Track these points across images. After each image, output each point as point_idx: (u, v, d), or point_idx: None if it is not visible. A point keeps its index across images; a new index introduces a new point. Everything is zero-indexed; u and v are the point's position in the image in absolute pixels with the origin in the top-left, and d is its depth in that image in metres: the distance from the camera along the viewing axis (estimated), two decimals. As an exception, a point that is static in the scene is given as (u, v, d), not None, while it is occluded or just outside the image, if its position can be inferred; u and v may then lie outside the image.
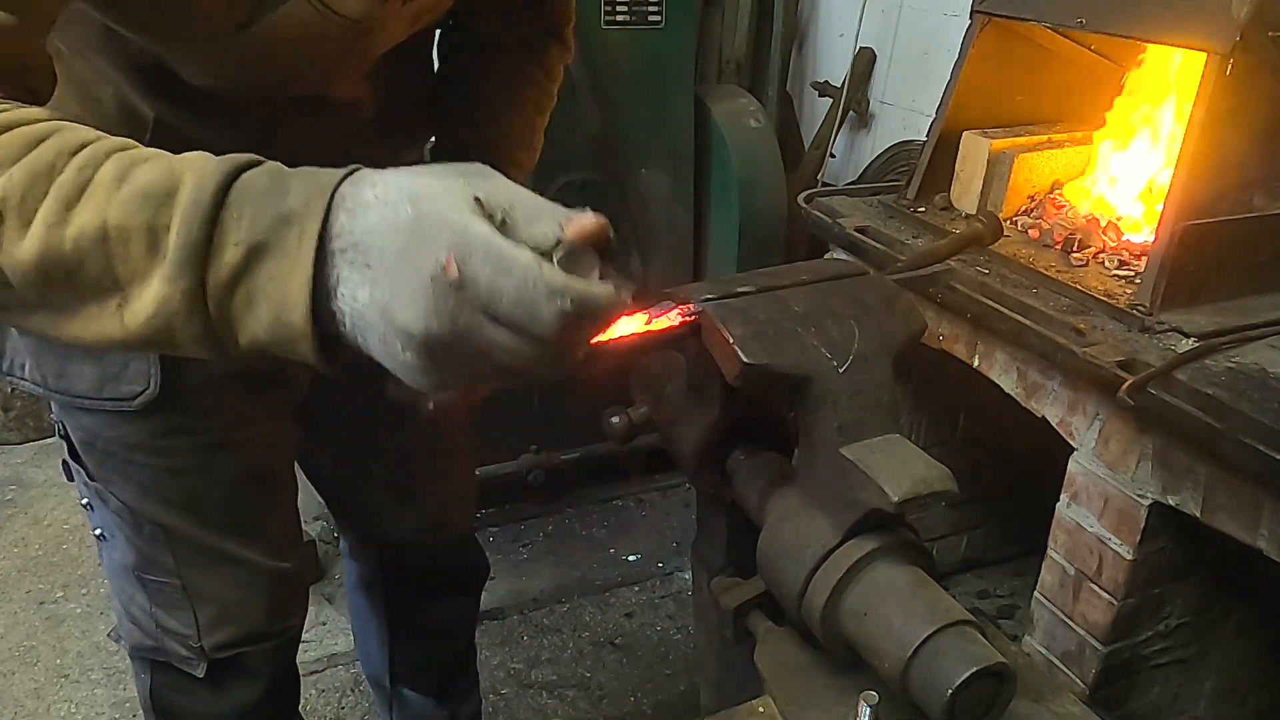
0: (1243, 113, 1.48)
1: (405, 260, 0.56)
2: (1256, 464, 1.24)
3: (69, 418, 1.10)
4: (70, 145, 0.62)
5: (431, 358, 0.58)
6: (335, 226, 0.58)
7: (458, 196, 0.58)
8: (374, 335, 0.59)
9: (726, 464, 0.99)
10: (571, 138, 2.31)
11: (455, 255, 0.55)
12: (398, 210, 0.57)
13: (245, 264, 0.59)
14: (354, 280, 0.58)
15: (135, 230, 0.59)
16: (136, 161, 0.61)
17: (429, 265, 0.55)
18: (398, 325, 0.57)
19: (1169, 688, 1.73)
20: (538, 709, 2.13)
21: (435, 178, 0.59)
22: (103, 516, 1.15)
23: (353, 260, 0.58)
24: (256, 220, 0.59)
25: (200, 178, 0.59)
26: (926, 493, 0.77)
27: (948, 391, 2.17)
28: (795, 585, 0.83)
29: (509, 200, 0.60)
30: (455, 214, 0.57)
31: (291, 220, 0.59)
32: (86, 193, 0.60)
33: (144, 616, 1.19)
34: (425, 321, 0.56)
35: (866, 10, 2.87)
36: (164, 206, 0.59)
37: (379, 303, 0.57)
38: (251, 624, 1.20)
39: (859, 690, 0.77)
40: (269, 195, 0.59)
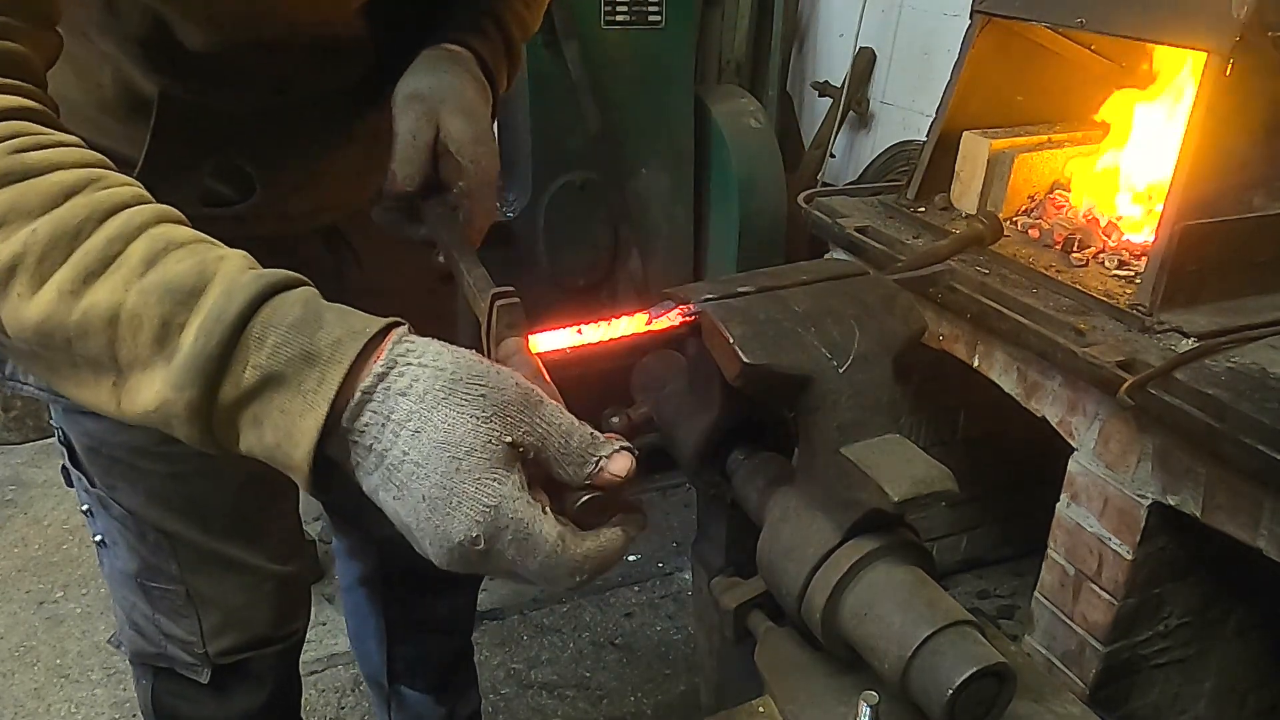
0: (1243, 113, 1.48)
1: (435, 512, 0.57)
2: (1256, 464, 1.24)
3: (72, 424, 1.09)
4: (102, 208, 0.60)
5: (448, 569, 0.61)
6: (360, 420, 0.58)
7: (492, 453, 0.57)
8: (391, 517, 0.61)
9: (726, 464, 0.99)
10: (571, 138, 2.31)
11: (483, 532, 0.57)
12: (430, 456, 0.57)
13: (258, 389, 0.58)
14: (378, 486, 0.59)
15: (148, 320, 0.58)
16: (170, 246, 0.59)
17: (458, 532, 0.57)
18: (417, 540, 0.60)
19: (1169, 688, 1.73)
20: (538, 709, 2.13)
21: (475, 419, 0.57)
22: (104, 523, 1.14)
23: (385, 475, 0.59)
24: (279, 350, 0.57)
25: (230, 288, 0.58)
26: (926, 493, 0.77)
27: (948, 391, 2.17)
28: (795, 585, 0.83)
29: (542, 439, 0.59)
30: (488, 488, 0.57)
31: (316, 361, 0.57)
32: (110, 268, 0.58)
33: (146, 623, 1.19)
34: (446, 561, 0.59)
35: (866, 10, 2.87)
36: (184, 305, 0.58)
37: (404, 519, 0.59)
38: (256, 629, 1.20)
39: (859, 690, 0.77)
40: (299, 327, 0.58)
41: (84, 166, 0.62)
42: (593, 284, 2.49)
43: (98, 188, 0.61)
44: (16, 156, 0.60)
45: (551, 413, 0.60)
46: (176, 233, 0.61)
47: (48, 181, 0.60)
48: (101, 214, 0.59)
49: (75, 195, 0.60)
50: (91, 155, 0.64)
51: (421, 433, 0.57)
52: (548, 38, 2.20)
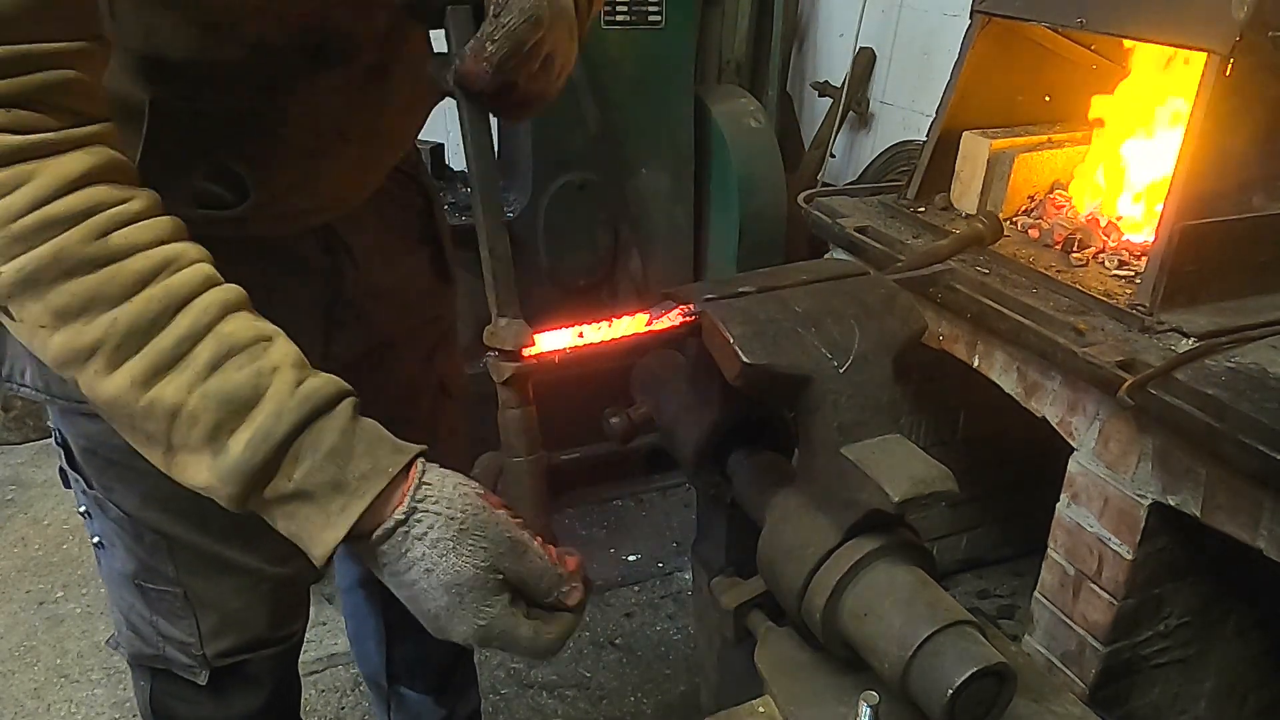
0: (1243, 113, 1.48)
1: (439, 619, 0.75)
2: (1256, 464, 1.24)
3: (69, 425, 1.08)
4: (176, 300, 0.69)
5: None
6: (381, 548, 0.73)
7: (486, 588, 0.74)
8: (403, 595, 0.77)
9: (726, 464, 0.99)
10: (571, 138, 2.31)
11: (477, 639, 0.75)
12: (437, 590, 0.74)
13: (290, 498, 0.71)
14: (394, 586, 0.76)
15: (204, 421, 0.69)
16: (233, 351, 0.70)
17: (458, 635, 0.76)
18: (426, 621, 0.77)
19: (1169, 688, 1.73)
20: (537, 709, 2.13)
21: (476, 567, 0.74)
22: (101, 525, 1.14)
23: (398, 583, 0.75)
24: (313, 474, 0.70)
25: (280, 409, 0.70)
26: (926, 493, 0.77)
27: (948, 391, 2.17)
28: (795, 585, 0.83)
29: (522, 578, 0.76)
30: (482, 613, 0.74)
31: (343, 490, 0.71)
32: (178, 367, 0.69)
33: (144, 625, 1.18)
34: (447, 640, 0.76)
35: (866, 10, 2.87)
36: (237, 415, 0.69)
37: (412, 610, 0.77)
38: (254, 631, 1.19)
39: (859, 690, 0.77)
40: (332, 456, 0.71)
41: (159, 244, 0.70)
42: (593, 284, 2.48)
43: (172, 272, 0.70)
44: (100, 242, 0.68)
45: (531, 560, 0.77)
46: (240, 331, 0.71)
47: (127, 270, 0.68)
48: (175, 306, 0.69)
49: (152, 284, 0.69)
50: (165, 224, 0.72)
51: (433, 573, 0.73)
52: (548, 38, 2.20)
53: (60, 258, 0.67)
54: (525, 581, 0.76)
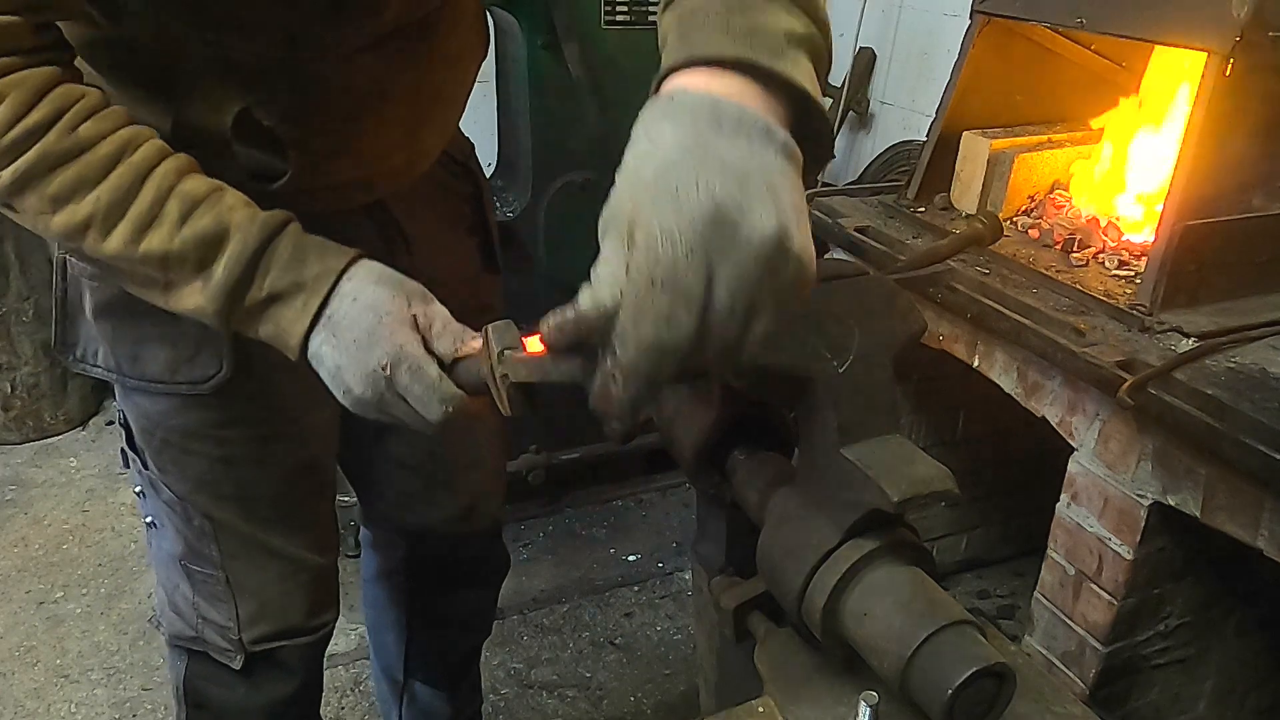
0: (1243, 113, 1.48)
1: (360, 349, 0.85)
2: (1256, 464, 1.24)
3: (131, 406, 1.14)
4: (140, 170, 0.84)
5: (357, 406, 0.88)
6: (329, 306, 0.87)
7: (403, 315, 0.86)
8: (325, 374, 0.88)
9: (726, 464, 0.99)
10: (571, 138, 2.31)
11: (390, 362, 0.84)
12: (362, 315, 0.86)
13: (265, 303, 0.87)
14: (325, 341, 0.87)
15: (190, 260, 0.86)
16: (195, 202, 0.85)
17: (374, 361, 0.85)
18: (343, 383, 0.87)
19: (1169, 688, 1.73)
20: (538, 709, 2.13)
21: (392, 294, 0.87)
22: (154, 505, 1.19)
23: (329, 330, 0.87)
24: (278, 280, 0.86)
25: (244, 235, 0.85)
26: (926, 493, 0.77)
27: (948, 391, 2.17)
28: (795, 585, 0.83)
29: (432, 319, 0.87)
30: (398, 331, 0.85)
31: (303, 288, 0.87)
32: (154, 225, 0.85)
33: (187, 606, 1.22)
34: (360, 390, 0.86)
35: (866, 10, 2.87)
36: (214, 249, 0.86)
37: (335, 363, 0.87)
38: (290, 619, 1.22)
39: (859, 690, 0.77)
40: (291, 264, 0.86)
41: (118, 129, 0.85)
42: (593, 284, 2.48)
43: (133, 150, 0.85)
44: (73, 136, 0.82)
45: (439, 308, 0.89)
46: (197, 187, 0.86)
47: (99, 155, 0.83)
48: (142, 177, 0.84)
49: (120, 163, 0.84)
50: (118, 112, 0.86)
51: (358, 300, 0.86)
52: (548, 38, 2.20)
53: (45, 156, 0.82)
54: (432, 324, 0.86)
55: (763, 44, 0.62)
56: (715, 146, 0.56)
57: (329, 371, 0.87)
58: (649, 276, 0.54)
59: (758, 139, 0.57)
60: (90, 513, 2.75)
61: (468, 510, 1.46)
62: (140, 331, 1.06)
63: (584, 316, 0.57)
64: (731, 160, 0.55)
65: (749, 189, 0.55)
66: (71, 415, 3.13)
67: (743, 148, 0.56)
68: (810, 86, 0.63)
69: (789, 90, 0.62)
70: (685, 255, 0.54)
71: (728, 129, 0.56)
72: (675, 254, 0.54)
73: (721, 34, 0.62)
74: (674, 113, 0.58)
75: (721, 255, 0.54)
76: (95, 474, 2.92)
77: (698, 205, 0.54)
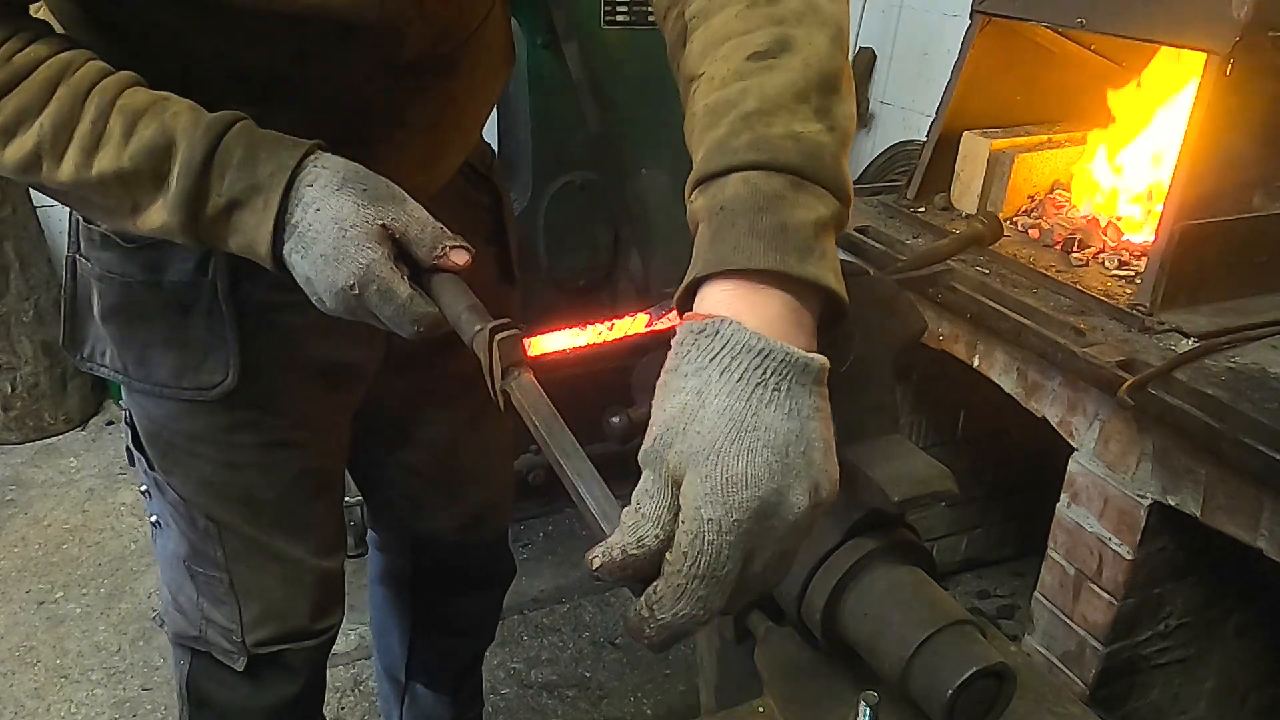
0: (1243, 113, 1.48)
1: (327, 265, 0.81)
2: (1256, 464, 1.24)
3: (137, 406, 1.13)
4: (80, 91, 0.81)
5: (334, 314, 0.85)
6: (290, 213, 0.82)
7: (369, 228, 0.81)
8: (300, 282, 0.84)
9: (726, 464, 0.99)
10: (571, 138, 2.31)
11: (358, 281, 0.81)
12: (326, 227, 0.81)
13: (226, 211, 0.82)
14: (295, 250, 0.83)
15: (144, 174, 0.82)
16: (137, 114, 0.81)
17: (341, 280, 0.81)
18: (315, 292, 0.84)
19: (1169, 688, 1.73)
20: (538, 709, 2.13)
21: (357, 204, 0.82)
22: (159, 505, 1.18)
23: (296, 240, 0.83)
24: (234, 184, 0.81)
25: (191, 140, 0.81)
26: (926, 493, 0.77)
27: (948, 391, 2.17)
28: (795, 585, 0.83)
29: (405, 225, 0.83)
30: (364, 249, 0.81)
31: (260, 189, 0.82)
32: (102, 144, 0.81)
33: (190, 606, 1.21)
34: (332, 304, 0.83)
35: (866, 10, 2.87)
36: (164, 160, 0.81)
37: (306, 273, 0.83)
38: (294, 622, 1.21)
39: (859, 690, 0.77)
40: (244, 165, 0.81)
41: (55, 54, 0.82)
42: (593, 284, 2.48)
43: (71, 72, 0.82)
44: (9, 66, 0.80)
45: (414, 208, 0.84)
46: (138, 99, 0.82)
47: (37, 81, 0.81)
48: (81, 97, 0.81)
49: (59, 86, 0.81)
50: (55, 39, 0.84)
51: (322, 211, 0.81)
52: (548, 38, 2.20)
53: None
54: (408, 232, 0.82)
55: (792, 244, 0.63)
56: (762, 418, 0.58)
57: (301, 281, 0.84)
58: (693, 565, 0.58)
59: (799, 395, 0.60)
60: (90, 513, 2.75)
61: (476, 519, 1.45)
62: (147, 335, 1.05)
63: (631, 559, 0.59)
64: (777, 434, 0.59)
65: (790, 467, 0.59)
66: (71, 415, 3.13)
67: (786, 412, 0.59)
68: (836, 282, 0.64)
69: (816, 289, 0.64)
70: (727, 547, 0.57)
71: (771, 386, 0.59)
72: (719, 545, 0.57)
73: (752, 238, 0.63)
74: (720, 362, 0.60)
75: (761, 540, 0.59)
76: (95, 474, 2.92)
77: (744, 500, 0.57)
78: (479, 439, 1.38)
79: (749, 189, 0.64)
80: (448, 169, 1.13)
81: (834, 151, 0.67)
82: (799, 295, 0.63)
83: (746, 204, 0.64)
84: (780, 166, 0.65)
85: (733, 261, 0.63)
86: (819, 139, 0.67)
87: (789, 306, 0.63)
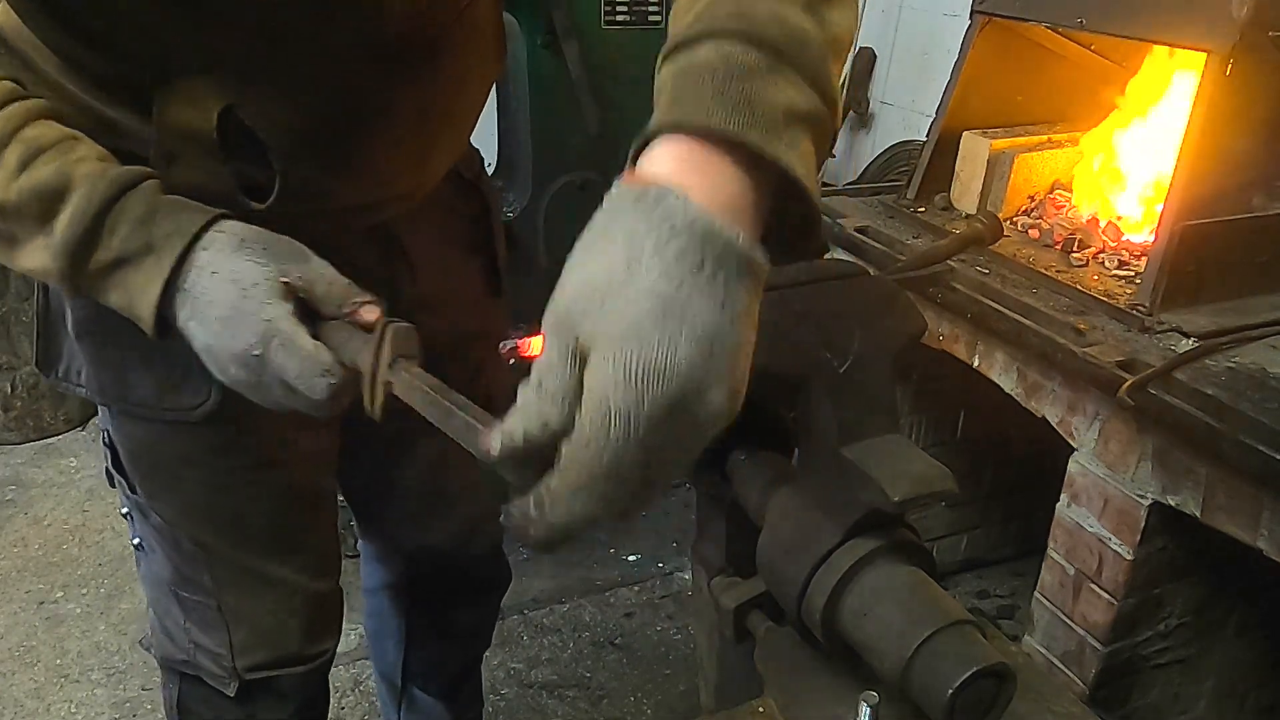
0: (1243, 113, 1.48)
1: (225, 330, 0.77)
2: (1256, 464, 1.24)
3: (118, 428, 1.07)
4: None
5: (238, 388, 0.80)
6: (183, 278, 0.78)
7: (271, 286, 0.77)
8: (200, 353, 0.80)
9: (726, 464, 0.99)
10: (571, 138, 2.31)
11: (259, 338, 0.76)
12: (224, 290, 0.77)
13: (113, 266, 0.78)
14: (189, 318, 0.78)
15: (30, 214, 0.78)
16: (40, 150, 0.78)
17: (240, 344, 0.76)
18: (217, 364, 0.79)
19: (1169, 688, 1.73)
20: (538, 709, 2.13)
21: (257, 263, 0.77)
22: (142, 529, 1.13)
23: (191, 306, 0.78)
24: (127, 241, 0.78)
25: (90, 189, 0.77)
26: (926, 493, 0.77)
27: (948, 391, 2.17)
28: (795, 585, 0.83)
29: (311, 281, 0.79)
30: (265, 306, 0.76)
31: (153, 249, 0.78)
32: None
33: (178, 630, 1.17)
34: (235, 371, 0.78)
35: (866, 10, 2.87)
36: (54, 202, 0.77)
37: (206, 341, 0.78)
38: (286, 647, 1.18)
39: (859, 690, 0.77)
40: (142, 223, 0.78)
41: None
42: (593, 284, 2.48)
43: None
44: None
45: (320, 265, 0.80)
46: (45, 134, 0.79)
47: None
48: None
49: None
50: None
51: (219, 273, 0.77)
52: (548, 38, 2.20)
53: None
54: (313, 287, 0.78)
55: (759, 118, 0.57)
56: (692, 306, 0.52)
57: (201, 350, 0.79)
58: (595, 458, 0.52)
59: (734, 289, 0.54)
60: (90, 513, 2.75)
61: (469, 532, 1.43)
62: (123, 354, 0.99)
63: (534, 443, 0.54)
64: (705, 326, 0.52)
65: (712, 363, 0.53)
66: (71, 415, 3.13)
67: (718, 305, 0.53)
68: (803, 173, 0.58)
69: (779, 175, 0.58)
70: (636, 443, 0.52)
71: (707, 274, 0.53)
72: (627, 438, 0.51)
73: (716, 100, 0.57)
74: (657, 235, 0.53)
75: (673, 441, 0.54)
76: (95, 474, 2.92)
77: (660, 393, 0.51)
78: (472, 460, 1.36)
79: (721, 56, 0.58)
80: (437, 170, 1.09)
81: (821, 46, 0.61)
82: (756, 177, 0.57)
83: (717, 69, 0.58)
84: (759, 40, 0.58)
85: (691, 119, 0.57)
86: (805, 27, 0.60)
87: (743, 185, 0.57)
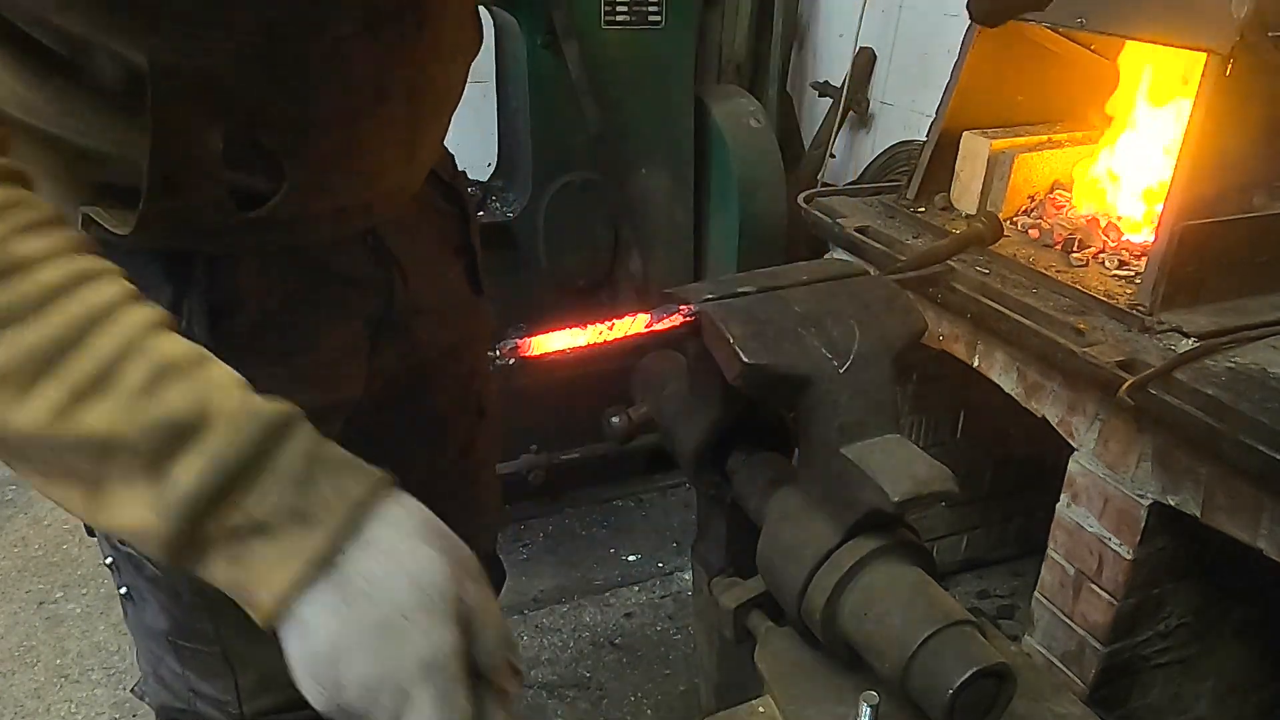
0: (1243, 113, 1.48)
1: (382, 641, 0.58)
2: (1256, 464, 1.24)
3: None
4: (97, 311, 0.58)
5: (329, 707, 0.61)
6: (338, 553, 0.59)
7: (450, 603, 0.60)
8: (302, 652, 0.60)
9: (726, 464, 0.99)
10: (571, 138, 2.31)
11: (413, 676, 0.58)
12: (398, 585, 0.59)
13: (243, 534, 0.58)
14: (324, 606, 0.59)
15: (145, 449, 0.57)
16: (167, 372, 0.58)
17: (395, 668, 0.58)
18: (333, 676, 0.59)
19: (1169, 688, 1.73)
20: (538, 709, 2.13)
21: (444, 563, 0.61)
22: (131, 579, 1.05)
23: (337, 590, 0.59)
24: (274, 503, 0.58)
25: (234, 429, 0.58)
26: (926, 493, 0.77)
27: (948, 391, 2.17)
28: (795, 585, 0.83)
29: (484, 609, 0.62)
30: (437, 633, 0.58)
31: (304, 518, 0.58)
32: (101, 391, 0.57)
33: (175, 680, 1.10)
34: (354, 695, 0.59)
35: (866, 10, 2.87)
36: (182, 440, 0.57)
37: (332, 643, 0.59)
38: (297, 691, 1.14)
39: (859, 690, 0.77)
40: (297, 485, 0.59)
41: (71, 254, 0.60)
42: (593, 284, 2.48)
43: (88, 284, 0.59)
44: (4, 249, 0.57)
45: (487, 591, 0.63)
46: (172, 349, 0.60)
47: (38, 282, 0.57)
48: (94, 322, 0.58)
49: (66, 297, 0.57)
50: (76, 236, 0.62)
51: (392, 556, 0.59)
52: (548, 38, 2.20)
53: None
54: (484, 620, 0.62)
55: None
56: None
57: (313, 650, 0.60)
58: None
59: None
60: (90, 513, 2.75)
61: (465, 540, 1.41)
62: None
63: None
64: None
65: None
66: (71, 415, 3.13)
67: None
68: None
69: None
70: None
71: None
72: None
73: None
74: None
75: None
76: (95, 474, 2.92)
77: None
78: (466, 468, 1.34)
79: None
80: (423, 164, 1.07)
81: None
82: None
83: None
84: None
85: None
86: None
87: None
